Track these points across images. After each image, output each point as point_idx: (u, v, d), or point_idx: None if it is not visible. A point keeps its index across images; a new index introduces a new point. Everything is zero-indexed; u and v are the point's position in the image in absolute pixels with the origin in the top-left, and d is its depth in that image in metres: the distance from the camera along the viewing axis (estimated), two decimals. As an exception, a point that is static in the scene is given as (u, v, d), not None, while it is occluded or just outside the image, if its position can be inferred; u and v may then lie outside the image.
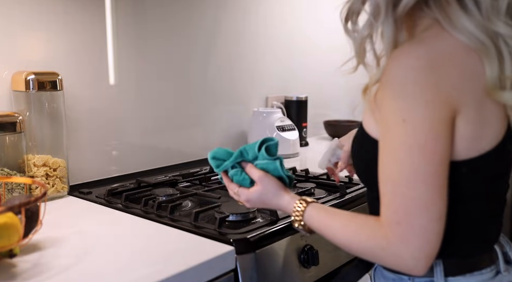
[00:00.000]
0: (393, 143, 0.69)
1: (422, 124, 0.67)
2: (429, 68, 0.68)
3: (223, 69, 1.78)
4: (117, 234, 1.01)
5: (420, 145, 0.67)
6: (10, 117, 1.13)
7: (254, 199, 0.91)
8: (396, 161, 0.69)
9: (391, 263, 0.71)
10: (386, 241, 0.69)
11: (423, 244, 0.68)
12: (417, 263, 0.68)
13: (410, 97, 0.68)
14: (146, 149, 1.55)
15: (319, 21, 2.24)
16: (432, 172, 0.67)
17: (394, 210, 0.69)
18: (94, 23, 1.37)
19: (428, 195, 0.67)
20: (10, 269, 0.82)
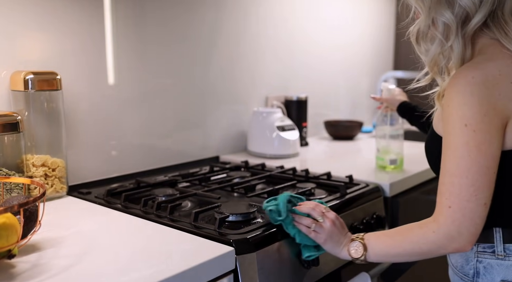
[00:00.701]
0: (455, 143, 0.85)
1: (480, 127, 0.83)
2: (483, 84, 0.84)
3: (223, 69, 1.78)
4: (117, 235, 1.01)
5: (477, 145, 0.83)
6: (9, 117, 1.12)
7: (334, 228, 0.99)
8: (456, 157, 0.84)
9: (444, 242, 0.85)
10: (437, 225, 0.85)
11: (470, 225, 0.83)
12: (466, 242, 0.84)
13: (469, 106, 0.84)
14: (145, 149, 1.54)
15: (319, 21, 2.24)
16: (484, 165, 0.83)
17: (448, 196, 0.85)
18: (93, 23, 1.36)
19: (479, 185, 0.83)
20: (9, 270, 0.81)
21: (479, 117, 0.83)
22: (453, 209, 0.84)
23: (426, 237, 0.87)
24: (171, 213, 1.10)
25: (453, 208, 0.84)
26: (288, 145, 1.79)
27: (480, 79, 0.85)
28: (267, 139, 1.78)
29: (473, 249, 0.96)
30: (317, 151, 1.98)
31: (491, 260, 0.94)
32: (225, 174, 1.52)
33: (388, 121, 1.55)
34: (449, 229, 0.84)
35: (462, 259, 0.98)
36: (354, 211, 1.25)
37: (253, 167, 1.60)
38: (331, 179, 1.44)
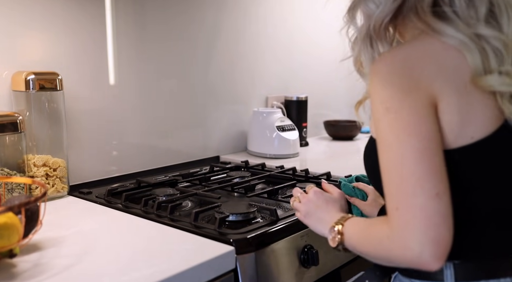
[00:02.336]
0: (382, 133, 0.72)
1: (403, 107, 0.70)
2: (404, 61, 0.73)
3: (224, 69, 1.78)
4: (117, 234, 1.01)
5: (404, 127, 0.69)
6: (10, 117, 1.13)
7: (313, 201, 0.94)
8: (387, 148, 0.71)
9: (398, 252, 0.68)
10: (390, 230, 0.69)
11: (426, 226, 0.65)
12: (423, 249, 0.65)
13: (389, 86, 0.72)
14: (146, 149, 1.55)
15: (319, 21, 2.24)
16: (419, 149, 0.68)
17: (391, 197, 0.69)
18: (94, 23, 1.37)
19: (420, 173, 0.67)
20: (10, 269, 0.82)
21: (399, 97, 0.71)
22: (401, 210, 0.67)
23: (382, 243, 0.71)
24: (172, 212, 1.11)
25: (400, 209, 0.67)
26: (288, 145, 1.79)
27: (400, 57, 0.74)
28: (267, 139, 1.78)
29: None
30: (317, 151, 1.99)
31: None
32: (225, 174, 1.53)
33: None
34: (402, 236, 0.67)
35: None
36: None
37: (253, 167, 1.61)
38: (331, 179, 1.44)
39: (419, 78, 0.71)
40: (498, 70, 0.72)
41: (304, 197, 0.96)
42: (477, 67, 0.71)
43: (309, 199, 0.95)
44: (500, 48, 0.72)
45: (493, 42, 0.73)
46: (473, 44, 0.72)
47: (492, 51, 0.73)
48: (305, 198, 0.96)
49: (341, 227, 0.82)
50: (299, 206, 0.96)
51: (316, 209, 0.93)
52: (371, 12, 0.80)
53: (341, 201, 0.95)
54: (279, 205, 1.21)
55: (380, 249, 0.72)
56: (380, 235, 0.71)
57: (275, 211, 1.08)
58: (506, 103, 0.73)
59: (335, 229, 0.82)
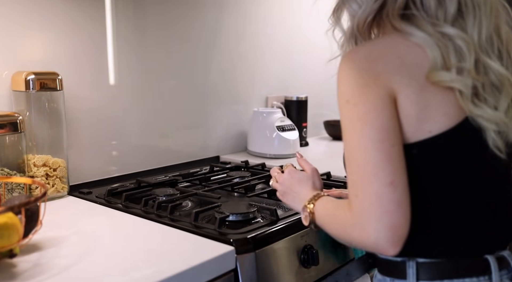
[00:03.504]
0: (343, 124, 0.75)
1: (360, 99, 0.73)
2: (365, 56, 0.77)
3: (223, 69, 1.78)
4: (117, 234, 1.01)
5: (361, 116, 0.72)
6: (10, 117, 1.13)
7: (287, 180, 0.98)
8: (347, 138, 0.74)
9: (358, 238, 0.72)
10: (351, 216, 0.72)
11: (381, 214, 0.68)
12: (379, 235, 0.68)
13: (349, 80, 0.75)
14: (146, 149, 1.55)
15: (318, 21, 2.24)
16: (377, 139, 0.71)
17: (351, 184, 0.73)
18: (94, 23, 1.37)
19: (376, 161, 0.70)
20: (10, 269, 0.82)
21: (358, 90, 0.73)
22: (359, 197, 0.71)
23: (345, 228, 0.75)
24: (172, 212, 1.11)
25: (359, 196, 0.71)
26: (288, 145, 1.79)
27: (362, 53, 0.78)
28: (267, 139, 1.78)
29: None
30: (317, 151, 1.99)
31: None
32: (225, 174, 1.53)
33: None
34: (361, 221, 0.70)
35: None
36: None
37: (253, 167, 1.61)
38: (331, 179, 1.44)
39: (379, 72, 0.74)
40: (457, 65, 0.73)
41: (280, 177, 1.00)
42: (435, 61, 0.73)
43: (284, 178, 0.99)
44: (462, 46, 0.74)
45: (456, 41, 0.75)
46: (433, 40, 0.74)
47: (453, 48, 0.74)
48: (281, 178, 1.00)
49: (312, 206, 0.86)
50: (276, 186, 1.01)
51: (291, 187, 0.97)
52: (354, 12, 0.84)
53: (314, 177, 0.97)
54: (279, 205, 1.21)
55: (343, 233, 0.76)
56: (343, 220, 0.75)
57: (275, 211, 1.08)
58: (466, 100, 0.74)
59: (306, 208, 0.86)
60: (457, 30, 0.75)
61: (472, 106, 0.74)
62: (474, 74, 0.74)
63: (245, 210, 1.10)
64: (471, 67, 0.74)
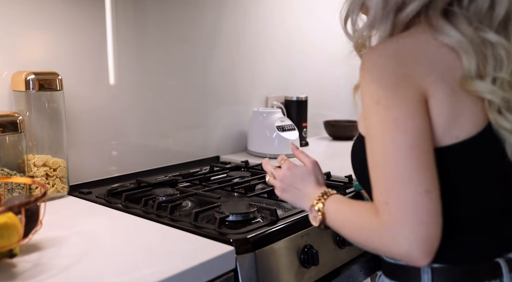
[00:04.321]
0: (372, 127, 0.72)
1: (394, 102, 0.69)
2: (395, 55, 0.72)
3: (223, 69, 1.78)
4: (117, 234, 1.01)
5: (394, 121, 0.69)
6: (10, 117, 1.13)
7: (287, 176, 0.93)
8: (376, 142, 0.71)
9: (387, 247, 0.69)
10: (379, 224, 0.69)
11: (414, 223, 0.65)
12: (411, 245, 0.65)
13: (381, 80, 0.71)
14: (146, 149, 1.55)
15: (318, 21, 2.24)
16: (410, 145, 0.68)
17: (381, 191, 0.69)
18: (94, 23, 1.37)
19: (410, 168, 0.67)
20: (10, 269, 0.82)
21: (390, 91, 0.70)
22: (391, 205, 0.67)
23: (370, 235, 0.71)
24: (172, 212, 1.11)
25: (390, 203, 0.67)
26: (288, 145, 1.79)
27: (392, 50, 0.73)
28: (267, 139, 1.78)
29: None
30: (317, 151, 1.98)
31: None
32: (225, 174, 1.53)
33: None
34: (391, 231, 0.67)
35: None
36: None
37: (253, 167, 1.61)
38: (331, 179, 1.44)
39: (411, 73, 0.71)
40: (493, 75, 0.71)
41: (278, 173, 0.95)
42: (470, 69, 0.71)
43: (283, 174, 0.94)
44: (502, 56, 0.72)
45: (497, 49, 0.72)
46: (471, 46, 0.71)
47: (493, 56, 0.72)
48: (280, 174, 0.95)
49: (322, 206, 0.82)
50: (275, 182, 0.96)
51: (292, 184, 0.92)
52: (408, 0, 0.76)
53: (316, 171, 0.93)
54: (279, 205, 1.21)
55: (368, 239, 0.72)
56: (369, 226, 0.71)
57: (275, 211, 1.08)
58: (493, 111, 0.72)
59: (315, 208, 0.82)
60: (501, 38, 0.72)
61: (499, 117, 0.72)
62: (507, 87, 0.72)
63: (245, 210, 1.10)
64: (507, 78, 0.72)
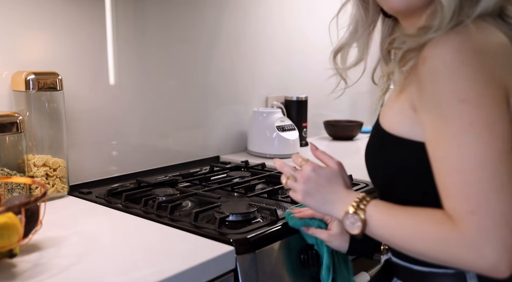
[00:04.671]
0: (453, 128, 0.65)
1: (482, 101, 0.63)
2: (474, 50, 0.66)
3: (223, 69, 1.78)
4: (117, 234, 1.01)
5: (485, 122, 0.63)
6: (10, 117, 1.13)
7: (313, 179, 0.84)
8: (459, 146, 0.64)
9: (469, 259, 0.63)
10: (460, 234, 0.63)
11: (505, 234, 0.60)
12: (500, 257, 0.60)
13: (462, 78, 0.65)
14: (146, 149, 1.55)
15: (318, 21, 2.24)
16: (502, 149, 0.62)
17: (465, 199, 0.63)
18: (94, 23, 1.37)
19: (503, 175, 0.61)
20: (10, 269, 0.82)
21: (478, 89, 0.64)
22: (478, 214, 0.61)
23: (446, 246, 0.65)
24: (172, 212, 1.11)
25: (478, 213, 0.61)
26: (288, 145, 1.79)
27: (469, 44, 0.66)
28: (267, 139, 1.78)
29: None
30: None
31: None
32: (225, 174, 1.53)
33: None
34: (477, 242, 0.61)
35: None
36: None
37: (253, 167, 1.61)
38: (331, 179, 1.44)
39: (495, 69, 0.65)
40: None
41: (301, 176, 0.85)
42: None
43: (308, 176, 0.84)
44: None
45: None
46: None
47: None
48: (302, 177, 0.85)
49: (363, 213, 0.74)
50: (295, 185, 0.86)
51: (318, 188, 0.83)
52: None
53: (343, 173, 0.86)
54: (279, 205, 1.21)
55: (439, 251, 0.66)
56: (442, 237, 0.65)
57: (275, 211, 1.08)
58: None
59: (355, 216, 0.75)
60: None
61: None
62: None
63: (245, 210, 1.10)
64: None
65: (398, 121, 0.76)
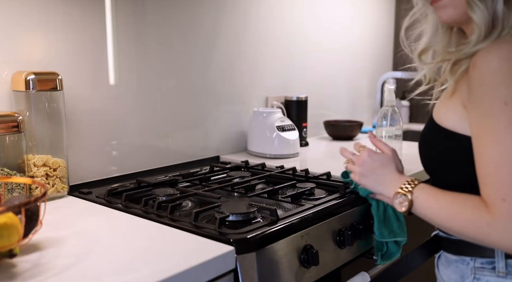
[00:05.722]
0: (496, 125, 0.76)
1: None
2: None
3: (223, 69, 1.78)
4: (117, 234, 1.01)
5: None
6: (10, 117, 1.13)
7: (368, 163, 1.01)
8: (499, 142, 0.75)
9: (497, 239, 0.75)
10: (491, 218, 0.75)
11: None
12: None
13: (508, 83, 0.76)
14: (146, 149, 1.55)
15: (319, 21, 2.24)
16: None
17: (498, 188, 0.75)
18: (94, 23, 1.37)
19: None
20: (10, 269, 0.82)
21: None
22: (507, 202, 0.74)
23: (478, 227, 0.78)
24: (172, 212, 1.11)
25: (507, 201, 0.74)
26: (288, 145, 1.79)
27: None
28: (267, 139, 1.78)
29: (469, 264, 0.89)
30: (317, 151, 1.99)
31: (490, 278, 0.85)
32: (225, 174, 1.53)
33: (388, 121, 1.55)
34: (505, 226, 0.74)
35: (456, 276, 0.91)
36: (353, 211, 1.26)
37: (253, 167, 1.61)
38: (331, 179, 1.44)
39: None
40: None
41: (358, 159, 1.04)
42: None
43: (364, 160, 1.02)
44: None
45: None
46: None
47: None
48: (359, 160, 1.03)
49: (410, 194, 0.89)
50: (353, 168, 1.04)
51: (372, 170, 1.00)
52: None
53: (395, 159, 1.01)
54: (279, 205, 1.21)
55: (472, 231, 0.79)
56: (476, 219, 0.78)
57: (275, 211, 1.08)
58: None
59: (403, 197, 0.91)
60: None
61: None
62: None
63: (245, 210, 1.10)
64: None
65: (450, 117, 0.89)
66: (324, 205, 1.18)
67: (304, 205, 1.17)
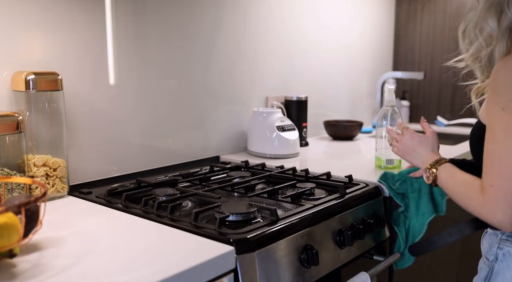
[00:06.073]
0: (494, 126, 0.94)
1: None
2: None
3: (223, 69, 1.78)
4: (117, 234, 1.01)
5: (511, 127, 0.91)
6: (10, 117, 1.13)
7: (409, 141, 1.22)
8: (495, 140, 0.94)
9: (486, 216, 0.95)
10: (483, 199, 0.94)
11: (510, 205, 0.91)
12: (505, 219, 0.92)
13: (509, 91, 0.92)
14: (146, 149, 1.55)
15: (319, 21, 2.24)
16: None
17: (490, 176, 0.94)
18: (94, 23, 1.37)
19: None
20: (10, 269, 0.82)
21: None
22: (495, 188, 0.92)
23: (475, 205, 0.97)
24: (172, 212, 1.11)
25: (494, 187, 0.92)
26: (288, 145, 1.79)
27: None
28: (267, 139, 1.78)
29: (498, 236, 1.05)
30: (317, 151, 1.99)
31: (510, 248, 1.02)
32: (225, 174, 1.53)
33: (388, 121, 1.55)
34: (491, 206, 0.92)
35: (488, 245, 1.08)
36: (353, 211, 1.26)
37: (253, 167, 1.61)
38: (331, 179, 1.44)
39: None
40: None
41: (400, 138, 1.24)
42: None
43: (406, 139, 1.22)
44: None
45: None
46: None
47: None
48: (403, 138, 1.24)
49: (436, 170, 1.10)
50: (397, 145, 1.25)
51: (413, 148, 1.20)
52: None
53: (433, 140, 1.20)
54: (279, 205, 1.21)
55: (470, 205, 0.99)
56: (473, 197, 0.97)
57: (275, 211, 1.08)
58: None
59: (430, 171, 1.11)
60: None
61: None
62: None
63: (245, 210, 1.10)
64: None
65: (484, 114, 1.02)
66: (324, 205, 1.18)
67: (304, 205, 1.17)
